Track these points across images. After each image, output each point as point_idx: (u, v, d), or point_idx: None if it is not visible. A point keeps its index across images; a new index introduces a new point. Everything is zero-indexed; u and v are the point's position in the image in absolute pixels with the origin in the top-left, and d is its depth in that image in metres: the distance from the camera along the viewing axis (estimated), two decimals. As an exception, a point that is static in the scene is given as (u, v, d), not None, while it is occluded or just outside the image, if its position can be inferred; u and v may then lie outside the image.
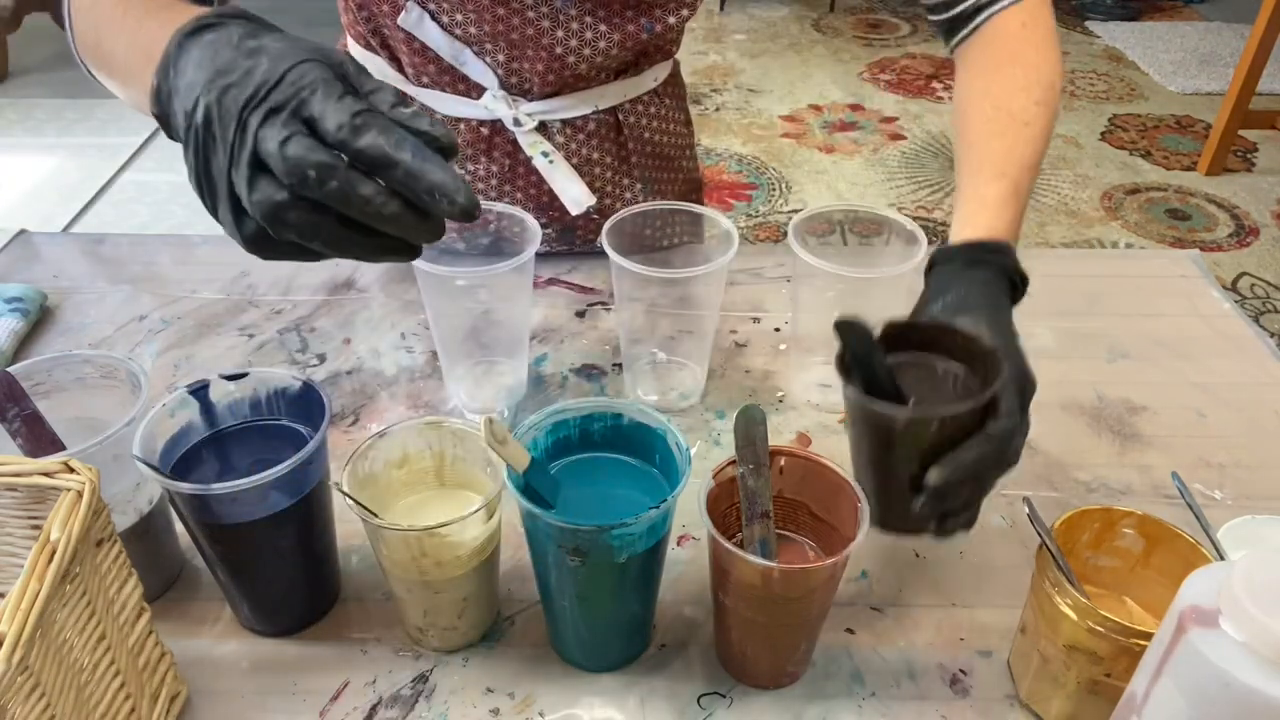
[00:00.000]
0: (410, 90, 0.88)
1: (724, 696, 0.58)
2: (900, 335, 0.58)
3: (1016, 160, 0.69)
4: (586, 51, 0.82)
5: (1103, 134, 3.17)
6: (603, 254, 0.72)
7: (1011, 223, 0.67)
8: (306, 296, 0.92)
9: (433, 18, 0.81)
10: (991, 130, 0.71)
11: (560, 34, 0.81)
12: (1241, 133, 2.98)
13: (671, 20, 0.84)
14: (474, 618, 0.60)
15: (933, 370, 0.58)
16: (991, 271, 0.62)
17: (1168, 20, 4.08)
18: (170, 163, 2.94)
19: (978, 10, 0.76)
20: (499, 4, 0.79)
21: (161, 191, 2.79)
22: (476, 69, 0.84)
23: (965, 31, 0.77)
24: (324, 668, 0.60)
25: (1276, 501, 0.72)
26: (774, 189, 2.85)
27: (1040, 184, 2.87)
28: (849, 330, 0.53)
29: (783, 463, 0.58)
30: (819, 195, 2.83)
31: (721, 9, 4.18)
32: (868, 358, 0.54)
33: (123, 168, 2.90)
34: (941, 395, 0.57)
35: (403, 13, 0.81)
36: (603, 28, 0.81)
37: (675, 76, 0.97)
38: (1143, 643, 0.48)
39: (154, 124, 0.53)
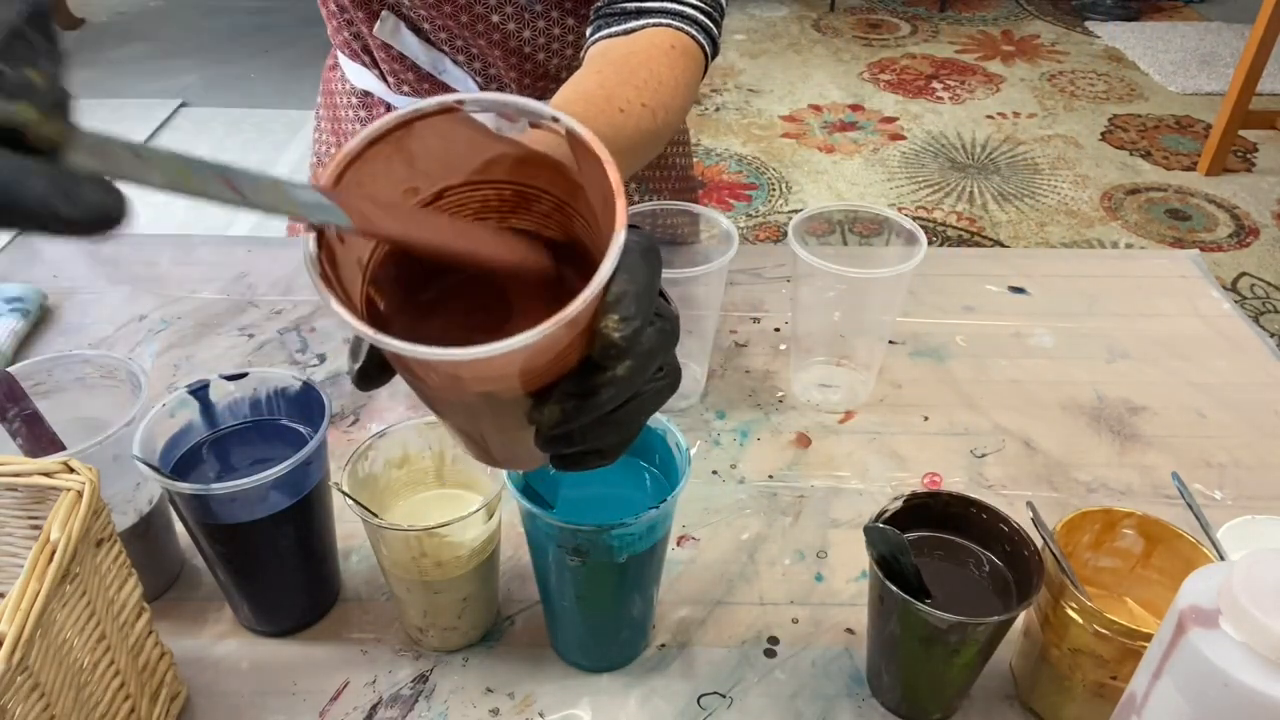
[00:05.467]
0: (391, 99, 0.88)
1: (724, 697, 0.58)
2: (919, 506, 0.57)
3: (586, 124, 0.55)
4: (556, 46, 0.82)
5: (1103, 134, 3.17)
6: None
7: None
8: (306, 296, 0.92)
9: (408, 25, 0.81)
10: (576, 97, 0.60)
11: (527, 34, 0.80)
12: (1241, 133, 2.98)
13: None
14: (474, 618, 0.60)
15: (954, 549, 0.58)
16: None
17: (1168, 20, 4.08)
18: (170, 163, 2.94)
19: (639, 14, 0.69)
20: (462, 10, 0.78)
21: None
22: (456, 76, 0.84)
23: (616, 30, 0.69)
24: (324, 668, 0.60)
25: (1276, 501, 0.72)
26: (774, 189, 2.85)
27: (1040, 184, 2.87)
28: (879, 536, 0.52)
29: None
30: (819, 195, 2.83)
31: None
32: (896, 560, 0.53)
33: (123, 168, 2.90)
34: (964, 576, 0.57)
35: (378, 21, 0.81)
36: (570, 21, 0.81)
37: None
38: (1149, 645, 0.48)
39: (153, 124, 0.52)
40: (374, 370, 0.37)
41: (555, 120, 0.35)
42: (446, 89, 0.85)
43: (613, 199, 0.34)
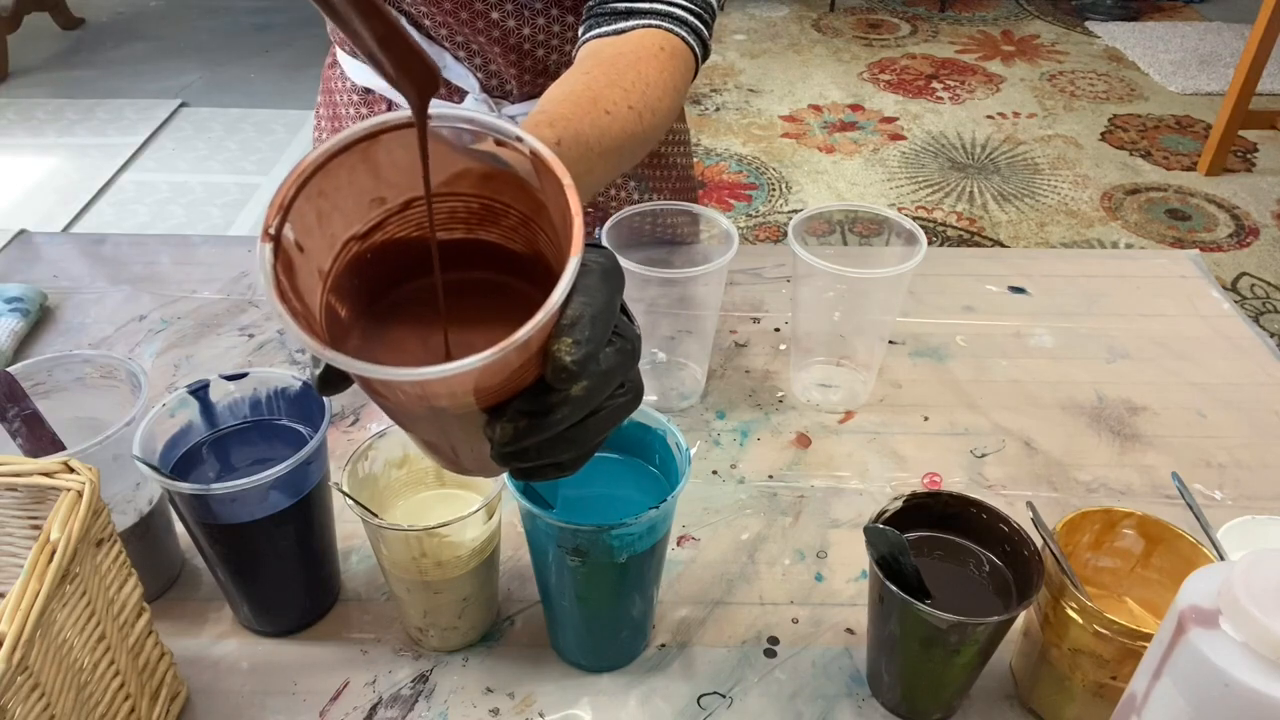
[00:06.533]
0: (393, 95, 0.89)
1: (724, 696, 0.58)
2: (918, 506, 0.57)
3: (571, 125, 0.56)
4: (555, 43, 0.82)
5: (1103, 134, 3.17)
6: (602, 254, 0.72)
7: None
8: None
9: (409, 22, 0.81)
10: (562, 98, 0.60)
11: (526, 31, 0.80)
12: (1241, 133, 2.98)
13: None
14: (474, 618, 0.60)
15: (954, 549, 0.58)
16: None
17: (1168, 20, 4.07)
18: (170, 162, 2.94)
19: (629, 15, 0.70)
20: (461, 7, 0.78)
21: (161, 191, 2.79)
22: (457, 73, 0.84)
23: (607, 29, 0.70)
24: (324, 668, 0.60)
25: (1276, 501, 0.72)
26: (774, 189, 2.85)
27: (1040, 184, 2.87)
28: (879, 536, 0.52)
29: None
30: (819, 195, 2.83)
31: (721, 9, 4.17)
32: (896, 560, 0.53)
33: (123, 168, 2.90)
34: (964, 576, 0.57)
35: None
36: (569, 19, 0.81)
37: None
38: (1149, 645, 0.48)
39: (153, 124, 0.52)
40: (334, 377, 0.38)
41: (520, 140, 0.36)
42: (448, 85, 0.85)
43: (570, 222, 0.34)
